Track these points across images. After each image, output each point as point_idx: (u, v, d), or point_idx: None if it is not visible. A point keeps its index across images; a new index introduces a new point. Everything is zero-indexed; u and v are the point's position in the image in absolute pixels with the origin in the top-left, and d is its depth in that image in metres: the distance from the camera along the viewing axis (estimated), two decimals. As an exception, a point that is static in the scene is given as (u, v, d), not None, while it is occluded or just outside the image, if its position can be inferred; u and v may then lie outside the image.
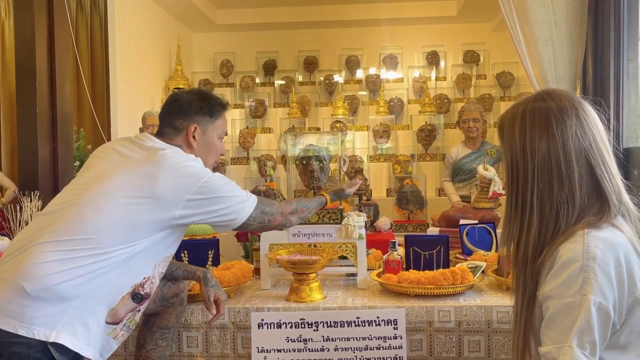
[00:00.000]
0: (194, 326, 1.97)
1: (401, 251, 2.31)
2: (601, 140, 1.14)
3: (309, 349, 1.85)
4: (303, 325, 1.86)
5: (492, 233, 2.68)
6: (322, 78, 6.07)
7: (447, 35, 6.17)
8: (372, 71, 6.06)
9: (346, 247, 2.18)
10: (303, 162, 2.31)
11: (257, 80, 6.15)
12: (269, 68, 6.23)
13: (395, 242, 2.24)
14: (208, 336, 1.97)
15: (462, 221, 2.91)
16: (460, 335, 1.90)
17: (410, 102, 5.75)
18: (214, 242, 2.32)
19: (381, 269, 2.26)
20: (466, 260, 2.43)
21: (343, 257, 2.23)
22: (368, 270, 2.26)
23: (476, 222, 2.81)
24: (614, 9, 2.61)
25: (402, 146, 5.18)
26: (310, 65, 6.21)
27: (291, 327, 1.86)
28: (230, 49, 6.30)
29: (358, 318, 1.86)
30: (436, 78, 6.01)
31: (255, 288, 2.23)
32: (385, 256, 2.24)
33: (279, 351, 1.85)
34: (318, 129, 5.47)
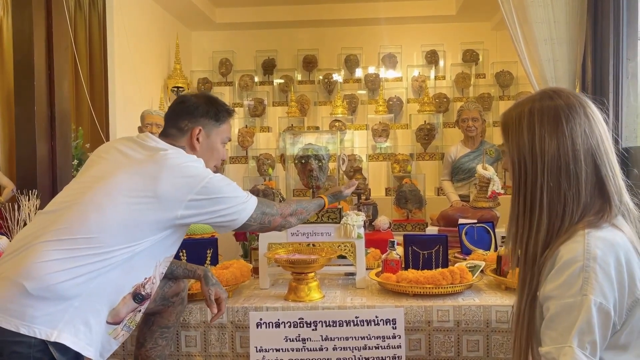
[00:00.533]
0: (193, 325, 1.96)
1: (400, 250, 2.30)
2: (607, 138, 1.14)
3: (308, 349, 1.85)
4: (302, 324, 1.85)
5: (491, 232, 2.68)
6: (321, 77, 6.06)
7: (446, 34, 6.16)
8: (371, 70, 6.06)
9: (345, 247, 2.18)
10: (302, 161, 2.31)
11: (256, 79, 6.14)
12: (268, 67, 6.23)
13: (394, 242, 2.24)
14: (206, 335, 1.97)
15: (461, 220, 2.90)
16: (459, 334, 1.90)
17: (409, 101, 5.74)
18: (213, 242, 2.31)
19: (380, 269, 2.26)
20: (465, 259, 2.43)
21: (342, 257, 2.23)
22: (367, 269, 2.26)
23: (475, 222, 2.80)
24: (614, 9, 2.61)
25: (401, 145, 5.18)
26: (309, 64, 6.21)
27: (290, 327, 1.86)
28: (229, 48, 6.29)
29: (357, 317, 1.85)
30: (435, 77, 6.01)
31: (253, 287, 2.23)
32: (384, 255, 2.23)
33: (278, 351, 1.85)
34: (317, 128, 5.46)
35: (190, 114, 1.67)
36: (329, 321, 1.85)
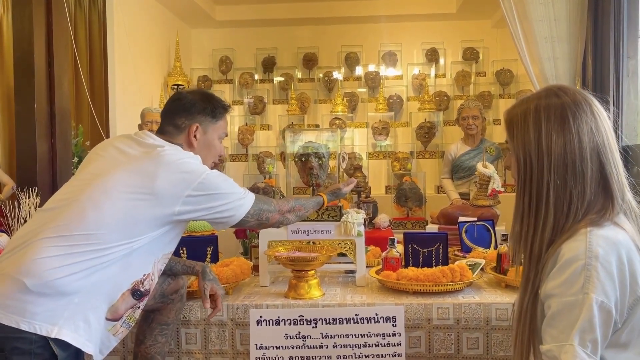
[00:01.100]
0: (193, 323, 1.97)
1: (400, 248, 2.30)
2: (612, 136, 1.13)
3: (308, 346, 1.85)
4: (302, 322, 1.86)
5: (491, 230, 2.68)
6: (321, 75, 6.05)
7: (447, 32, 6.15)
8: (372, 68, 6.05)
9: (345, 244, 2.18)
10: (302, 159, 2.31)
11: (256, 76, 6.14)
12: (268, 65, 6.22)
13: (394, 240, 2.24)
14: (206, 333, 1.97)
15: (461, 218, 2.90)
16: (458, 332, 1.90)
17: (409, 99, 5.74)
18: (213, 239, 2.31)
19: (380, 266, 2.26)
20: (465, 257, 2.43)
21: (342, 254, 2.23)
22: (367, 267, 2.26)
23: (475, 220, 2.80)
24: (614, 6, 2.61)
25: (401, 143, 5.17)
26: (309, 62, 6.20)
27: (290, 324, 1.86)
28: (229, 46, 6.28)
29: (357, 315, 1.85)
30: (435, 75, 6.00)
31: (254, 285, 2.23)
32: (384, 253, 2.24)
33: (278, 348, 1.85)
34: (317, 126, 5.46)
35: (186, 111, 1.67)
36: (329, 319, 1.86)
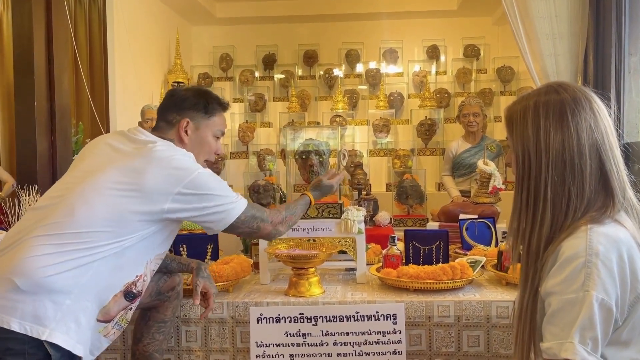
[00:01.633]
0: (193, 321, 1.96)
1: (400, 246, 2.30)
2: (612, 133, 1.13)
3: (308, 344, 1.85)
4: (302, 319, 1.85)
5: (492, 228, 2.68)
6: (322, 72, 6.04)
7: (448, 29, 6.14)
8: (372, 65, 6.04)
9: (345, 242, 2.17)
10: (302, 157, 2.30)
11: (257, 74, 6.13)
12: (269, 62, 6.21)
13: (394, 237, 2.24)
14: (207, 330, 1.97)
15: (462, 216, 2.90)
16: (459, 330, 1.90)
17: (410, 97, 5.73)
18: (213, 237, 2.31)
19: (380, 264, 2.26)
20: (466, 255, 2.43)
21: (342, 252, 2.23)
22: (367, 264, 2.26)
23: (476, 217, 2.80)
24: (616, 3, 2.59)
25: (402, 140, 5.17)
26: (309, 59, 6.19)
27: (290, 322, 1.86)
28: (229, 43, 6.27)
29: (357, 313, 1.85)
30: (436, 72, 5.99)
31: (254, 282, 2.23)
32: (384, 251, 2.23)
33: (278, 346, 1.85)
34: (318, 123, 5.45)
35: (177, 107, 1.66)
36: (330, 316, 1.85)
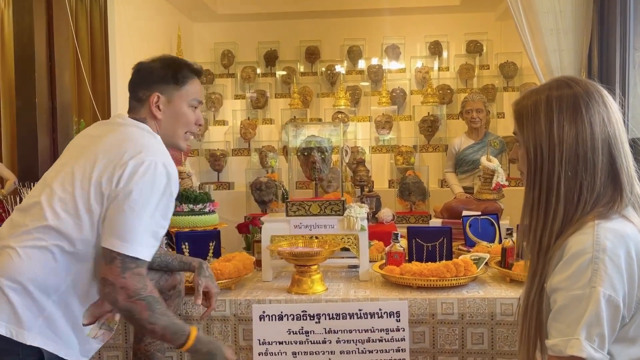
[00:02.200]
0: (195, 318, 1.96)
1: (403, 243, 2.29)
2: (622, 128, 1.12)
3: (311, 341, 1.84)
4: (305, 317, 1.84)
5: (496, 224, 2.66)
6: (324, 68, 6.02)
7: (450, 25, 6.10)
8: (374, 61, 6.01)
9: (348, 239, 2.16)
10: (305, 153, 2.29)
11: (258, 70, 6.10)
12: (270, 58, 6.18)
13: (397, 234, 2.23)
14: (209, 328, 1.96)
15: (465, 212, 2.89)
16: (463, 327, 1.89)
17: (412, 93, 5.70)
18: (215, 234, 2.30)
19: (383, 261, 2.25)
20: (469, 252, 2.41)
21: (345, 249, 2.22)
22: (370, 262, 2.25)
23: (479, 214, 2.79)
24: (620, -3, 2.58)
25: (405, 137, 5.14)
26: (311, 55, 6.16)
27: (293, 319, 1.84)
28: (231, 39, 6.25)
29: (360, 310, 1.84)
30: (439, 68, 5.95)
31: (256, 280, 2.22)
32: (387, 248, 2.22)
33: (281, 343, 1.84)
34: (320, 120, 5.42)
35: (145, 81, 1.56)
36: (333, 314, 1.84)
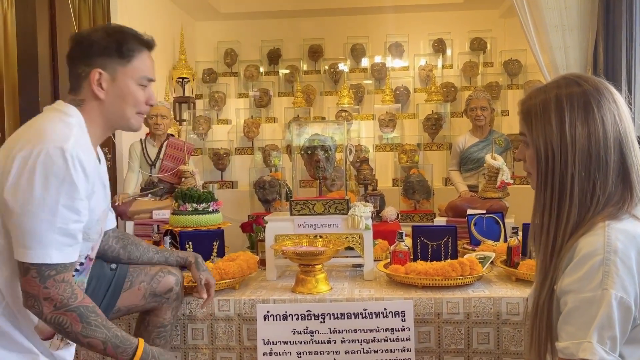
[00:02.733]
0: (199, 318, 1.95)
1: (408, 242, 2.27)
2: (632, 126, 1.10)
3: (316, 341, 1.83)
4: (309, 317, 1.84)
5: (501, 223, 2.65)
6: (327, 67, 6.00)
7: (454, 22, 6.08)
8: (378, 59, 5.99)
9: (352, 238, 2.15)
10: (308, 152, 2.28)
11: (262, 69, 6.09)
12: (273, 57, 6.17)
13: (402, 233, 2.21)
14: (213, 328, 1.95)
15: (470, 211, 2.87)
16: (469, 327, 1.88)
17: (416, 91, 5.67)
18: (219, 233, 2.29)
19: (388, 260, 2.23)
20: (474, 250, 2.40)
21: (349, 248, 2.21)
22: (375, 261, 2.24)
23: (484, 212, 2.77)
24: (627, -6, 2.55)
25: (408, 135, 5.12)
26: (314, 53, 6.15)
27: (297, 319, 1.84)
28: (234, 38, 6.24)
29: (365, 310, 1.83)
30: (442, 66, 5.93)
31: (260, 279, 2.21)
32: (392, 247, 2.21)
33: (285, 343, 1.83)
34: (323, 119, 5.41)
35: (85, 55, 1.37)
36: (337, 313, 1.83)
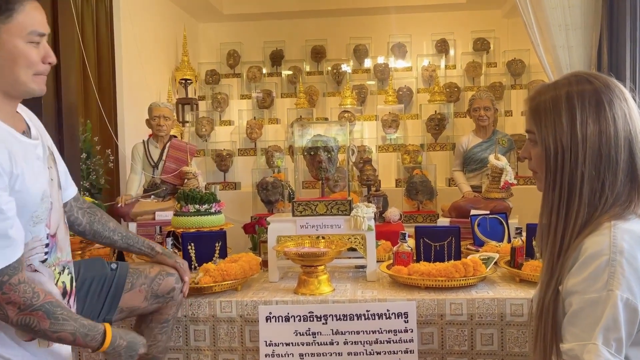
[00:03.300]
0: (201, 319, 1.94)
1: (411, 242, 2.26)
2: None
3: (318, 343, 1.82)
4: (312, 318, 1.82)
5: (504, 224, 2.63)
6: (330, 68, 6.00)
7: (457, 22, 6.07)
8: (381, 60, 5.98)
9: (355, 239, 2.14)
10: (311, 153, 2.28)
11: (264, 70, 6.10)
12: (276, 58, 6.18)
13: (405, 234, 2.20)
14: (215, 330, 1.94)
15: (473, 212, 2.86)
16: (472, 328, 1.86)
17: (419, 91, 5.67)
18: (221, 234, 2.29)
19: (391, 261, 2.22)
20: (478, 251, 2.39)
21: (352, 249, 2.20)
22: (377, 262, 2.22)
23: (487, 213, 2.76)
24: (631, -8, 2.54)
25: (412, 136, 5.11)
26: (317, 54, 6.15)
27: (300, 321, 1.83)
28: (236, 39, 6.25)
29: (368, 311, 1.82)
30: (446, 66, 5.92)
31: (263, 281, 2.20)
32: (395, 248, 2.20)
33: (288, 345, 1.82)
34: (326, 119, 5.40)
35: None
36: (340, 315, 1.82)
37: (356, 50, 6.08)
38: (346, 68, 5.95)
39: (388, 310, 1.82)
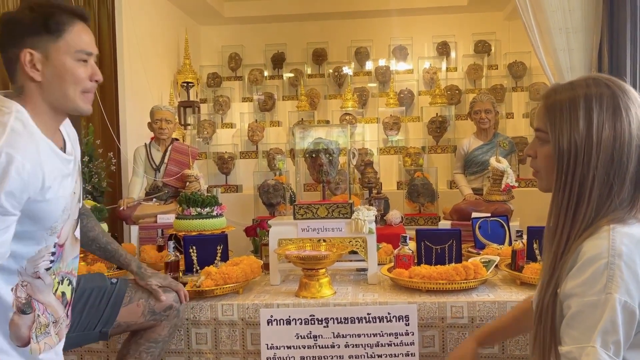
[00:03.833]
0: (203, 323, 1.95)
1: (412, 245, 2.27)
2: None
3: (319, 346, 1.82)
4: (313, 321, 1.83)
5: (505, 226, 2.63)
6: (331, 70, 6.01)
7: (458, 25, 6.08)
8: (382, 63, 5.99)
9: (356, 242, 2.14)
10: (312, 156, 2.28)
11: (266, 73, 6.11)
12: (278, 61, 6.19)
13: (406, 237, 2.21)
14: (217, 333, 1.95)
15: (475, 214, 2.86)
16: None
17: (420, 94, 5.67)
18: (223, 238, 2.29)
19: (392, 264, 2.23)
20: (479, 254, 2.39)
21: (353, 252, 2.20)
22: (379, 265, 2.23)
23: (489, 215, 2.76)
24: (631, -5, 2.54)
25: (413, 138, 5.11)
26: (318, 57, 6.16)
27: (301, 324, 1.83)
28: (238, 42, 6.27)
29: (369, 314, 1.82)
30: (447, 69, 5.93)
31: (264, 284, 2.21)
32: (396, 251, 2.20)
33: (289, 348, 1.82)
34: (327, 122, 5.41)
35: (12, 37, 1.26)
36: (341, 318, 1.83)
37: (357, 52, 6.09)
38: (347, 71, 5.96)
39: (389, 313, 1.82)
